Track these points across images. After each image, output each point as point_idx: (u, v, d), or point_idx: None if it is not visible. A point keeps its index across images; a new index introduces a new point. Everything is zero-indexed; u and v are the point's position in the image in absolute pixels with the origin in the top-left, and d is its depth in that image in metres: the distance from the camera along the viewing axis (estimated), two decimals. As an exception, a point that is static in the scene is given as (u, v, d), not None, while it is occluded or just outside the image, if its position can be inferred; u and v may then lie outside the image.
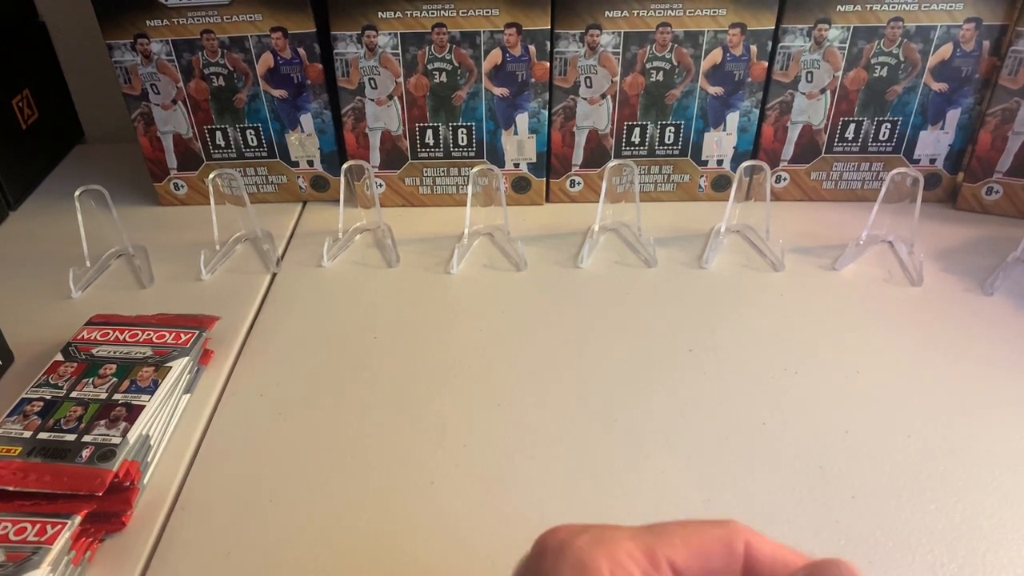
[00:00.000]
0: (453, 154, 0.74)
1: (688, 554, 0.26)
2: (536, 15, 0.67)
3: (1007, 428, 0.50)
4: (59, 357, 0.54)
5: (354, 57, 0.69)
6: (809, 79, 0.70)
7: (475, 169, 0.66)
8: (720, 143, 0.73)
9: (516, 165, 0.75)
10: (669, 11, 0.67)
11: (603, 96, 0.71)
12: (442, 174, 0.75)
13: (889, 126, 0.72)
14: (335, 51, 0.69)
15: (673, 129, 0.73)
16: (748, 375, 0.55)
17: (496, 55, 0.69)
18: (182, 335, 0.56)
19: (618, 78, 0.70)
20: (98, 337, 0.56)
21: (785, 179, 0.75)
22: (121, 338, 0.55)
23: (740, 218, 0.70)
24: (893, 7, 0.66)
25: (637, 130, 0.73)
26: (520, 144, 0.73)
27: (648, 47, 0.68)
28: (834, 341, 0.58)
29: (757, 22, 0.67)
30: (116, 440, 0.46)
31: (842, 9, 0.66)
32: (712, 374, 0.55)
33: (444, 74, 0.70)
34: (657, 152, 0.74)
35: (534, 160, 0.74)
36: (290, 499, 0.47)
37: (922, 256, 0.65)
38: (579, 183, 0.76)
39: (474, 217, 0.69)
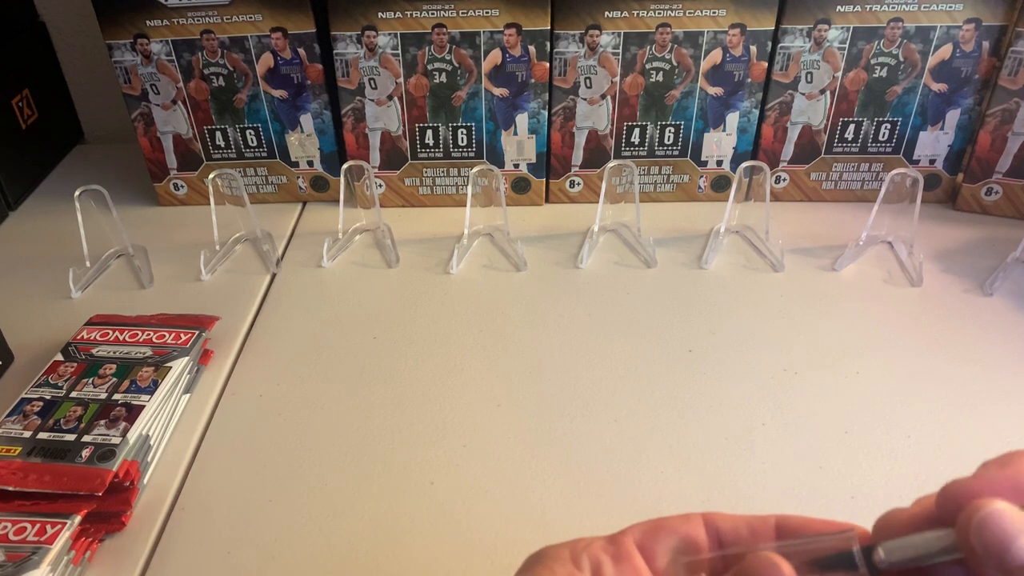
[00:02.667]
0: (453, 154, 0.74)
1: (647, 528, 0.29)
2: (536, 15, 0.67)
3: (1007, 428, 0.50)
4: (59, 357, 0.54)
5: (354, 57, 0.69)
6: (809, 79, 0.70)
7: (475, 169, 0.66)
8: (720, 144, 0.73)
9: (516, 165, 0.75)
10: (669, 12, 0.67)
11: (603, 96, 0.71)
12: (442, 174, 0.75)
13: (889, 127, 0.72)
14: (335, 51, 0.69)
15: (673, 130, 0.73)
16: (748, 375, 0.55)
17: (496, 55, 0.69)
18: (182, 335, 0.56)
19: (618, 78, 0.70)
20: (98, 337, 0.56)
21: (785, 180, 0.75)
22: (121, 338, 0.55)
23: (740, 219, 0.70)
24: (893, 8, 0.66)
25: (637, 131, 0.73)
26: (520, 144, 0.73)
27: (648, 47, 0.68)
28: (834, 341, 0.58)
29: (757, 22, 0.67)
30: (116, 440, 0.46)
31: (842, 9, 0.66)
32: (712, 374, 0.55)
33: (444, 74, 0.70)
34: (657, 152, 0.74)
35: (534, 160, 0.74)
36: (290, 499, 0.47)
37: (922, 257, 0.65)
38: (579, 183, 0.76)
39: (474, 217, 0.69)
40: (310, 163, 0.76)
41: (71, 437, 0.47)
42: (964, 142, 0.72)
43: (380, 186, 0.76)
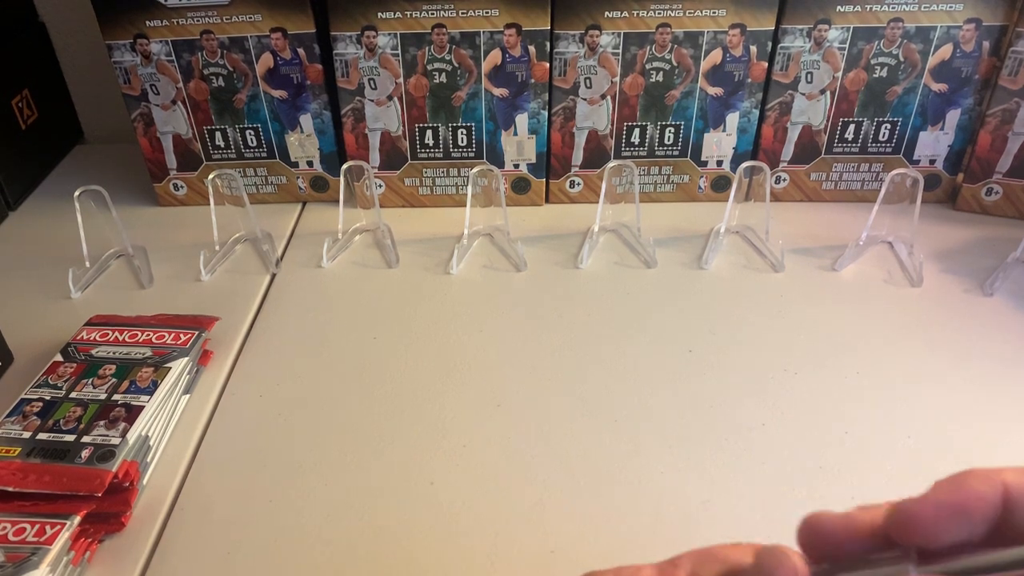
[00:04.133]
0: (453, 155, 0.74)
1: (696, 557, 0.28)
2: (536, 15, 0.67)
3: (1007, 428, 0.50)
4: (58, 357, 0.54)
5: (354, 57, 0.69)
6: (809, 80, 0.70)
7: (475, 170, 0.66)
8: (720, 144, 0.73)
9: (516, 166, 0.75)
10: (669, 12, 0.67)
11: (603, 97, 0.71)
12: (442, 175, 0.75)
13: (889, 127, 0.72)
14: (335, 51, 0.69)
15: (673, 130, 0.73)
16: (748, 375, 0.55)
17: (496, 55, 0.69)
18: (181, 336, 0.56)
19: (618, 79, 0.70)
20: (97, 338, 0.56)
21: (785, 180, 0.75)
22: (120, 339, 0.55)
23: (740, 219, 0.70)
24: (893, 8, 0.66)
25: (637, 131, 0.73)
26: (520, 145, 0.73)
27: (648, 48, 0.68)
28: (834, 341, 0.58)
29: (757, 23, 0.67)
30: (115, 441, 0.46)
31: (842, 10, 0.66)
32: (712, 374, 0.55)
33: (444, 75, 0.70)
34: (657, 153, 0.74)
35: (534, 161, 0.74)
36: (289, 500, 0.47)
37: (922, 257, 0.65)
38: (579, 184, 0.76)
39: (474, 218, 0.69)
40: (310, 163, 0.76)
41: (71, 438, 0.47)
42: (964, 142, 0.72)
43: (380, 186, 0.76)
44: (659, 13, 0.67)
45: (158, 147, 0.75)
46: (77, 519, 0.42)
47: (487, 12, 0.67)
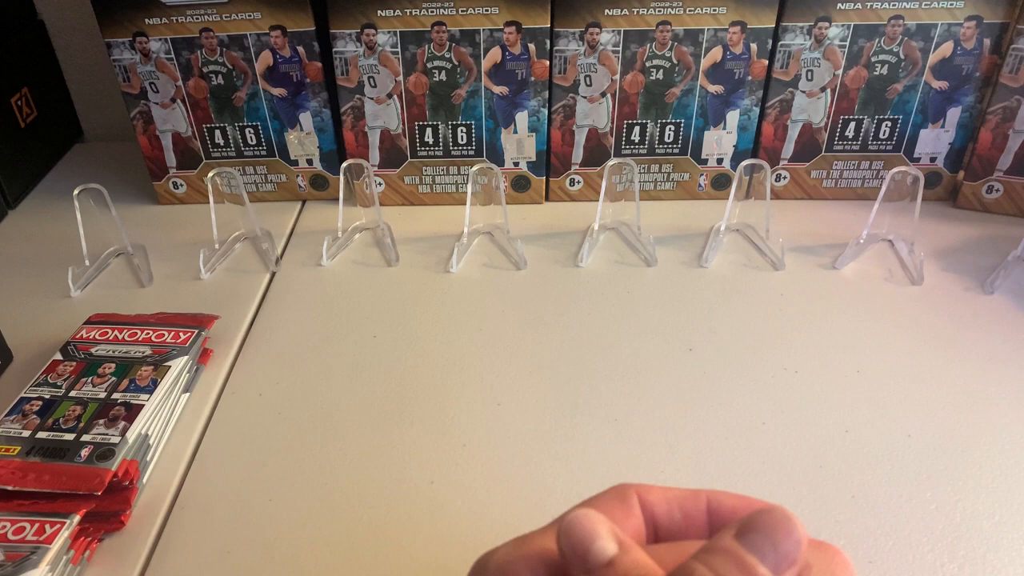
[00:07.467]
0: (453, 153, 0.74)
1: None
2: (536, 13, 0.67)
3: (1007, 427, 0.50)
4: (58, 356, 0.54)
5: (353, 55, 0.69)
6: (809, 77, 0.70)
7: (475, 168, 0.66)
8: (720, 141, 0.73)
9: (516, 164, 0.75)
10: (669, 9, 0.66)
11: (603, 94, 0.71)
12: (441, 173, 0.75)
13: (889, 124, 0.72)
14: (334, 49, 0.69)
15: (673, 128, 0.73)
16: (748, 375, 0.55)
17: (496, 53, 0.69)
18: (181, 334, 0.56)
19: (618, 76, 0.70)
20: (97, 336, 0.56)
21: (785, 178, 0.75)
22: (120, 337, 0.55)
23: (740, 217, 0.70)
24: (894, 5, 0.66)
25: (637, 128, 0.73)
26: (520, 143, 0.73)
27: (648, 45, 0.68)
28: (834, 340, 0.57)
29: (757, 20, 0.67)
30: (115, 439, 0.46)
31: (842, 7, 0.66)
32: (712, 374, 0.55)
33: (443, 72, 0.70)
34: (657, 151, 0.74)
35: (534, 159, 0.74)
36: (289, 499, 0.47)
37: (922, 255, 0.65)
38: (579, 182, 0.76)
39: (474, 216, 0.69)
40: (309, 161, 0.76)
41: (70, 436, 0.47)
42: (965, 140, 0.72)
43: (380, 184, 0.76)
44: (659, 11, 0.67)
45: (157, 145, 0.75)
46: (77, 518, 0.42)
47: (487, 10, 0.66)
